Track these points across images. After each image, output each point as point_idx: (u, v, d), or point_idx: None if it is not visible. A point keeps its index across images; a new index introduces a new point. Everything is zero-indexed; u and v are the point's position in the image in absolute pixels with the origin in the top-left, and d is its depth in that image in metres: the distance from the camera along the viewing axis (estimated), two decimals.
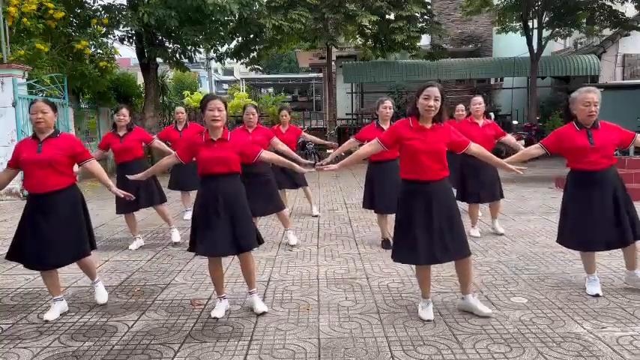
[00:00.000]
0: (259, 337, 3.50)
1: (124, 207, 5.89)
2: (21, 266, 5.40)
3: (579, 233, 4.09)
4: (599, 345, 3.26)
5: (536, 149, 4.32)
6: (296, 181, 7.36)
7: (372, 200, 5.87)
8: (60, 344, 3.47)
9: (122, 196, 4.26)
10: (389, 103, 5.70)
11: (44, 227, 3.86)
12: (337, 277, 4.78)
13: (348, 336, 3.48)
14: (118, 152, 6.06)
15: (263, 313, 3.92)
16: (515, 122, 17.81)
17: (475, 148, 3.85)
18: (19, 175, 3.75)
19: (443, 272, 4.86)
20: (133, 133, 6.10)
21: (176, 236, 6.36)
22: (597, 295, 4.10)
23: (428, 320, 3.71)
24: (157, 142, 6.44)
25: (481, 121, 6.20)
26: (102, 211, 8.62)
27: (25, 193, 10.18)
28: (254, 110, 5.97)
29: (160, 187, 6.40)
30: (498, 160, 4.05)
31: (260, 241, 4.03)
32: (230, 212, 3.80)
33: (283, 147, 5.90)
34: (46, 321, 3.91)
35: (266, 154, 4.15)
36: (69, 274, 5.08)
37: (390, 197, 5.34)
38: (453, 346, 3.29)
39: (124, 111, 6.02)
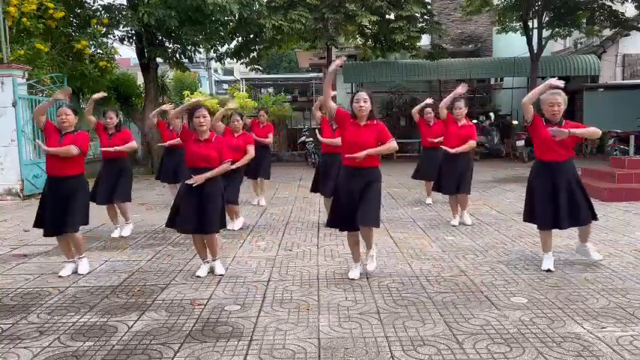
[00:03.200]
0: (259, 337, 3.50)
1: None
2: (21, 267, 5.42)
3: (542, 214, 4.81)
4: (599, 345, 3.26)
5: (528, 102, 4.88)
6: (257, 174, 8.83)
7: (321, 186, 6.92)
8: (60, 344, 3.47)
9: None
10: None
11: (57, 202, 4.96)
12: (337, 277, 4.78)
13: (348, 336, 3.48)
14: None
15: (221, 276, 4.86)
16: (515, 122, 17.80)
17: (389, 144, 4.59)
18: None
19: (443, 272, 4.87)
20: (119, 134, 6.85)
21: (127, 231, 6.91)
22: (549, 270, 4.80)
23: (352, 279, 4.65)
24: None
25: (461, 122, 6.91)
26: (103, 212, 8.60)
27: (26, 192, 10.21)
28: (239, 118, 7.14)
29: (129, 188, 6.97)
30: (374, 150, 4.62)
31: (222, 225, 5.01)
32: (201, 199, 4.75)
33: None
34: (60, 276, 4.95)
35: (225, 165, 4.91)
36: (69, 274, 5.08)
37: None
38: (453, 346, 3.29)
39: (111, 114, 6.70)
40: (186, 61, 15.31)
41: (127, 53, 19.76)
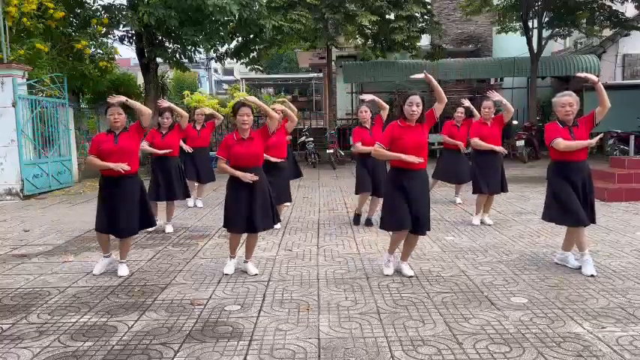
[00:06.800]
0: (259, 337, 3.50)
1: (157, 195, 6.79)
2: (21, 267, 5.42)
3: (569, 212, 4.73)
4: (599, 345, 3.26)
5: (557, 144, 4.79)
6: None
7: (373, 186, 6.89)
8: (60, 344, 3.47)
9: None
10: (364, 108, 7.00)
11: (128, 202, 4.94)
12: (337, 277, 4.78)
13: (348, 336, 3.48)
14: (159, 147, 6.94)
15: (255, 275, 4.84)
16: (515, 122, 17.75)
17: (438, 105, 4.57)
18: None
19: (443, 272, 4.87)
20: (174, 131, 7.02)
21: (170, 228, 7.01)
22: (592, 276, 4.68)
23: (387, 275, 4.76)
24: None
25: (490, 122, 6.87)
26: None
27: (26, 192, 10.20)
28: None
29: (186, 184, 7.31)
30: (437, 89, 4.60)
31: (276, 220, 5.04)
32: (255, 197, 4.73)
33: None
34: (120, 276, 4.94)
35: None
36: (69, 274, 5.09)
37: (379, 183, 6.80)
38: (453, 346, 3.29)
39: (167, 114, 6.94)
40: (186, 61, 15.29)
41: (127, 53, 19.79)
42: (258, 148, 4.76)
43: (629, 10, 16.62)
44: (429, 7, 17.23)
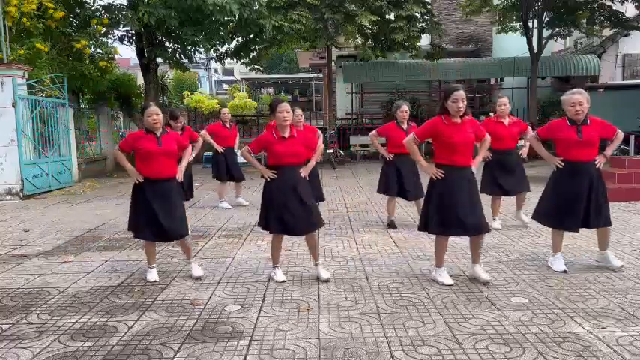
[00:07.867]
0: (259, 337, 3.50)
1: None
2: (21, 267, 5.42)
3: (557, 214, 4.78)
4: (599, 345, 3.26)
5: (533, 138, 5.09)
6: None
7: (400, 189, 6.68)
8: (60, 344, 3.47)
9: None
10: (405, 107, 6.60)
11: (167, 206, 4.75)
12: (337, 277, 4.78)
13: (348, 336, 3.48)
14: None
15: (327, 280, 4.60)
16: None
17: (487, 142, 4.67)
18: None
19: None
20: (185, 134, 7.01)
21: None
22: (565, 272, 4.73)
23: (450, 285, 4.43)
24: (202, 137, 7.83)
25: (507, 120, 6.53)
26: (103, 211, 8.61)
27: (26, 192, 10.20)
28: (301, 112, 6.68)
29: (192, 185, 7.50)
30: (478, 159, 4.63)
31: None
32: (302, 197, 4.57)
33: None
34: (153, 280, 4.77)
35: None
36: (69, 274, 5.09)
37: (414, 185, 6.66)
38: (453, 346, 3.29)
39: (181, 118, 7.12)
40: (186, 61, 15.31)
41: (127, 53, 19.79)
42: (300, 147, 4.59)
43: (629, 10, 16.62)
44: (429, 7, 17.23)
